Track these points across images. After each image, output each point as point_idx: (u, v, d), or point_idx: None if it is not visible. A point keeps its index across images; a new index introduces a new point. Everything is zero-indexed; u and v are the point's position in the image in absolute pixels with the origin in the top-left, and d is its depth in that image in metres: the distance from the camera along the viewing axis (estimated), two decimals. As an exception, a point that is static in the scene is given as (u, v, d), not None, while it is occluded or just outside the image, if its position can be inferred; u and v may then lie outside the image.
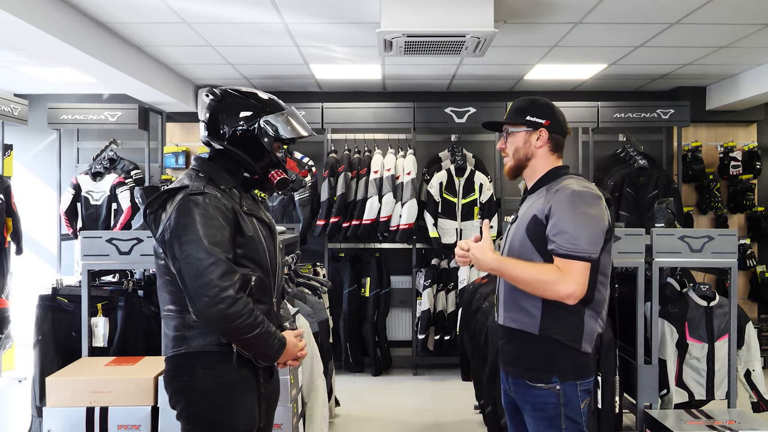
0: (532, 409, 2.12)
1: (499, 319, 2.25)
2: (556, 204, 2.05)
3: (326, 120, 5.72)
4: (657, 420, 3.20)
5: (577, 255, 2.00)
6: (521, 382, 2.14)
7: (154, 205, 1.98)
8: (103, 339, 3.36)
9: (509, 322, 2.18)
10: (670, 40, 4.59)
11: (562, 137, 2.23)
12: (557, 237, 2.02)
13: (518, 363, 2.16)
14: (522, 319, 2.12)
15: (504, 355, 2.25)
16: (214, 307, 1.84)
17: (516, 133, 2.22)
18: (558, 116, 2.22)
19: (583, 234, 2.01)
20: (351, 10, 3.93)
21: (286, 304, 2.28)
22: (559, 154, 2.23)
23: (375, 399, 5.04)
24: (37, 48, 4.09)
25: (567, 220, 2.03)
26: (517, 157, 2.22)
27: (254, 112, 2.07)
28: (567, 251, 2.01)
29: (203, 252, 1.85)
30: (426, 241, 5.70)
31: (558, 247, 2.02)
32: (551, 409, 2.07)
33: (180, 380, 1.99)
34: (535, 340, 2.10)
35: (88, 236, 3.34)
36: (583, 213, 2.04)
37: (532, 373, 2.11)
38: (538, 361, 2.10)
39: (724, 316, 3.51)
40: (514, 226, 2.22)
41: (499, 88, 6.26)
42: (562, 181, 2.13)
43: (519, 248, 2.13)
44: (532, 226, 2.11)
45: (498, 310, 2.27)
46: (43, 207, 6.22)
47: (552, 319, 2.08)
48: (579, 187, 2.09)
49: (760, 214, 6.18)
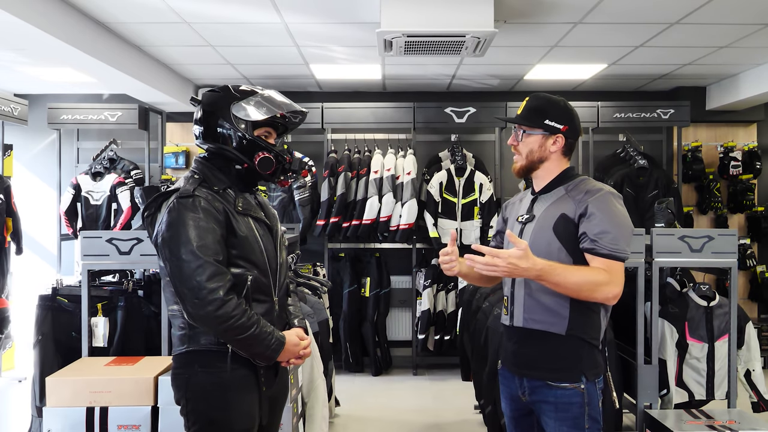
0: (555, 410, 2.07)
1: (515, 321, 2.16)
2: (593, 204, 2.03)
3: (326, 120, 5.72)
4: (657, 420, 3.20)
5: (618, 255, 2.00)
6: (542, 384, 2.09)
7: (151, 208, 2.02)
8: (103, 339, 3.36)
9: (531, 324, 2.11)
10: (670, 40, 4.59)
11: (575, 141, 2.21)
12: (600, 237, 2.00)
13: (541, 365, 2.10)
14: (548, 319, 2.08)
15: (519, 358, 2.16)
16: (203, 309, 1.86)
17: (531, 135, 2.17)
18: (575, 121, 2.19)
19: (623, 235, 2.02)
20: (351, 10, 3.93)
21: (298, 301, 2.27)
22: (569, 157, 2.22)
23: (375, 399, 5.04)
24: (37, 48, 4.09)
25: (608, 221, 2.01)
26: (530, 158, 2.18)
27: (224, 103, 2.07)
28: (610, 251, 2.00)
29: (191, 254, 1.87)
30: (426, 241, 5.70)
31: (601, 247, 2.00)
32: (576, 409, 2.05)
33: (182, 377, 2.02)
34: (561, 341, 2.07)
35: (88, 236, 3.34)
36: (621, 214, 2.05)
37: (558, 374, 2.07)
38: (564, 361, 2.07)
39: (724, 316, 3.51)
40: (533, 226, 2.15)
41: (499, 88, 6.26)
42: (583, 183, 2.13)
43: (546, 248, 2.07)
44: (561, 226, 2.07)
45: (511, 311, 2.18)
46: (43, 207, 6.21)
47: (579, 319, 2.06)
48: (608, 190, 2.09)
49: (760, 214, 6.18)
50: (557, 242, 2.07)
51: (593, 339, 2.09)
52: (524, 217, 2.21)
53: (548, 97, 2.22)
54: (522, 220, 2.21)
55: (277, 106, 2.09)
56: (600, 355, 2.11)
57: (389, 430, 4.36)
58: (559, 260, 2.03)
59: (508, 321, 2.20)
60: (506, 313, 2.21)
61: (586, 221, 2.03)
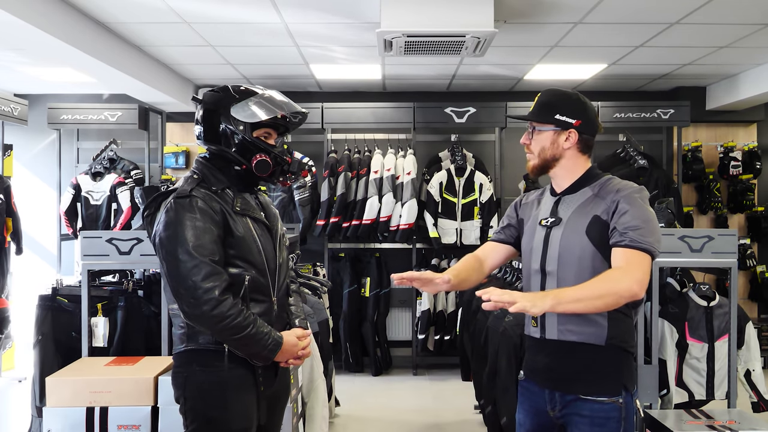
0: (590, 424, 1.93)
1: (548, 333, 1.99)
2: (625, 200, 1.91)
3: (326, 120, 5.72)
4: (657, 420, 3.19)
5: (643, 246, 1.85)
6: (575, 397, 1.95)
7: (151, 207, 2.04)
8: (103, 339, 3.36)
9: (568, 336, 1.95)
10: (670, 40, 4.59)
11: (592, 137, 2.07)
12: (628, 230, 1.87)
13: (581, 377, 1.95)
14: (586, 330, 1.93)
15: (554, 373, 2.00)
16: (199, 308, 1.87)
17: (543, 132, 2.04)
18: (590, 114, 2.06)
19: (652, 230, 1.89)
20: (351, 10, 3.93)
21: (300, 301, 2.26)
22: (589, 154, 2.08)
23: (375, 399, 5.04)
24: (37, 48, 4.09)
25: (639, 215, 1.89)
26: (543, 156, 2.05)
27: (224, 104, 2.06)
28: (634, 241, 1.85)
29: (187, 254, 1.88)
30: (426, 241, 5.70)
31: (626, 238, 1.86)
32: (612, 424, 1.92)
33: (181, 376, 2.02)
34: (601, 351, 1.93)
35: (88, 236, 3.34)
36: (651, 211, 1.94)
37: (598, 387, 1.93)
38: (605, 374, 1.93)
39: (724, 316, 3.51)
40: (562, 230, 2.00)
41: (499, 88, 6.26)
42: (612, 182, 2.01)
43: (579, 254, 1.94)
44: (595, 229, 1.94)
45: (542, 323, 2.01)
46: (43, 207, 6.21)
47: (618, 327, 1.94)
48: (637, 187, 1.97)
49: (760, 214, 6.18)
50: (591, 247, 1.93)
51: (631, 347, 1.97)
52: (549, 221, 2.04)
53: (560, 91, 2.10)
54: (547, 223, 2.05)
55: (278, 107, 2.08)
56: (634, 364, 2.00)
57: (389, 430, 4.36)
58: (592, 266, 1.92)
59: (538, 334, 2.03)
60: (535, 324, 2.03)
61: (617, 216, 1.91)
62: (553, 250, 2.00)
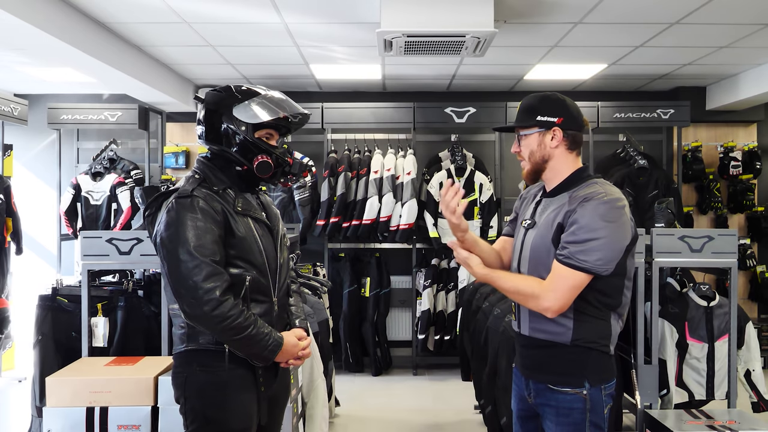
0: (556, 414, 2.04)
1: (522, 329, 2.12)
2: (581, 211, 1.93)
3: (326, 120, 5.72)
4: (657, 420, 3.20)
5: (573, 264, 1.91)
6: (544, 387, 2.06)
7: (152, 207, 2.03)
8: (103, 339, 3.36)
9: (536, 333, 2.06)
10: (670, 40, 4.59)
11: (578, 132, 2.08)
12: (569, 244, 1.92)
13: (545, 369, 2.07)
14: (552, 329, 2.02)
15: (525, 360, 2.14)
16: (200, 309, 1.86)
17: (528, 136, 2.08)
18: (571, 110, 2.07)
19: (599, 246, 1.90)
20: (351, 10, 3.93)
21: (300, 302, 2.27)
22: (578, 151, 2.09)
23: (375, 399, 5.04)
24: (38, 48, 4.09)
25: (588, 229, 1.90)
26: (533, 160, 2.09)
27: (226, 104, 2.06)
28: (566, 257, 1.91)
29: (188, 254, 1.88)
30: (426, 241, 5.70)
31: (563, 253, 1.92)
32: (577, 415, 2.01)
33: (181, 376, 2.02)
34: (566, 350, 2.01)
35: (88, 236, 3.34)
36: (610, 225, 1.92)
37: (560, 378, 2.03)
38: (567, 368, 2.02)
39: (724, 316, 3.51)
40: (534, 233, 2.07)
41: (499, 88, 6.26)
42: (588, 187, 2.00)
43: (546, 259, 2.00)
44: (558, 237, 1.98)
45: (518, 318, 2.14)
46: (43, 207, 6.21)
47: (584, 329, 1.99)
48: (606, 198, 1.94)
49: (760, 214, 6.17)
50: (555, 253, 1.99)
51: (602, 346, 2.02)
52: (527, 223, 2.13)
53: (539, 94, 2.13)
54: (525, 225, 2.14)
55: (280, 108, 2.08)
56: (609, 360, 2.04)
57: (389, 430, 4.36)
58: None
59: (516, 327, 2.17)
60: (515, 319, 2.18)
61: (568, 227, 1.95)
62: (525, 251, 2.10)
